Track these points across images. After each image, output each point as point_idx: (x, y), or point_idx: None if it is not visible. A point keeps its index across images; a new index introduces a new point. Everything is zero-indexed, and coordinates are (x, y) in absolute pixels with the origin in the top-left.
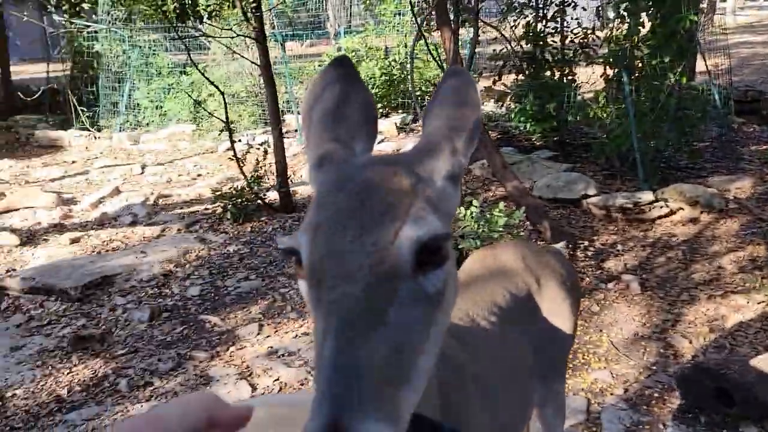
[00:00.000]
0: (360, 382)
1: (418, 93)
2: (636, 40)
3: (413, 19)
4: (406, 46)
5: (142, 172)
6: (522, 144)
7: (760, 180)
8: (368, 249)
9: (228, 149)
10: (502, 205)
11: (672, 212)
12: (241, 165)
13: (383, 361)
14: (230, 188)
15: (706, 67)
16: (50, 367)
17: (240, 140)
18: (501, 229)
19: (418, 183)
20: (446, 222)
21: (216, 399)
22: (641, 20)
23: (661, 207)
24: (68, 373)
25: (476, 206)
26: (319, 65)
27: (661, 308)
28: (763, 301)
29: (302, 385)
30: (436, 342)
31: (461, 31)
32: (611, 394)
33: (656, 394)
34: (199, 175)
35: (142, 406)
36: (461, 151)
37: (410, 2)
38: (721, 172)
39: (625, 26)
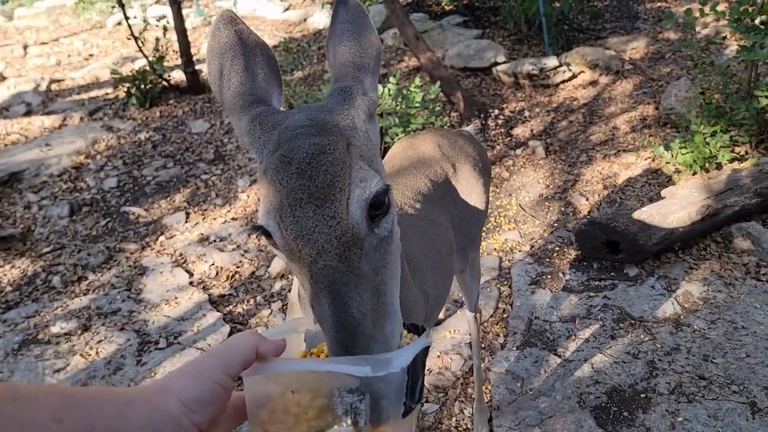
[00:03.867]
0: (358, 327)
1: None
2: None
3: None
4: None
5: (25, 54)
6: (432, 9)
7: (653, 39)
8: (330, 224)
9: (118, 24)
10: (417, 80)
11: (574, 76)
12: (141, 44)
13: (368, 304)
14: (131, 70)
15: None
16: None
17: (135, 17)
18: (418, 105)
19: (348, 143)
20: (379, 163)
21: (258, 335)
22: None
23: (564, 72)
24: None
25: (393, 83)
26: None
27: (563, 170)
28: (650, 158)
29: (238, 267)
30: (397, 264)
31: None
32: (519, 251)
33: (557, 248)
34: (91, 55)
35: (81, 300)
36: (370, 87)
37: None
38: (618, 32)
39: None
